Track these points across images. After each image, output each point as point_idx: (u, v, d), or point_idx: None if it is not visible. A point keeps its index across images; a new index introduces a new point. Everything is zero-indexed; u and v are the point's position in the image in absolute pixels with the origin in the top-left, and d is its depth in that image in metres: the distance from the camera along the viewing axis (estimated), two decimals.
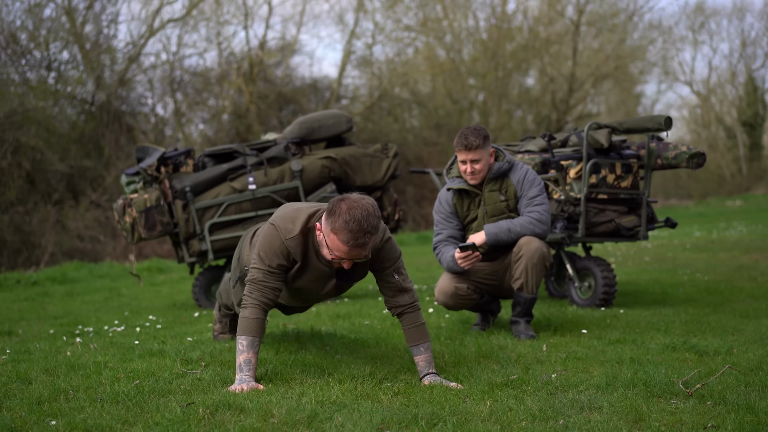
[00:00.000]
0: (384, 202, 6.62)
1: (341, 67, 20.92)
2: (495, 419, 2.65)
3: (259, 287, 3.23)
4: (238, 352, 3.18)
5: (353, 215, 2.97)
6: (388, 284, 3.35)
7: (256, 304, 3.22)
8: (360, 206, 3.00)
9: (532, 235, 4.31)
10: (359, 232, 2.98)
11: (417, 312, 3.37)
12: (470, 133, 4.29)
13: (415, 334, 3.33)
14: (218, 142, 17.38)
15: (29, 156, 13.49)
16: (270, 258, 3.21)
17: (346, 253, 3.05)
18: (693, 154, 5.31)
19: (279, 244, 3.20)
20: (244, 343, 3.18)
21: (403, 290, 3.35)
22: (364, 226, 2.98)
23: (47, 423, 2.65)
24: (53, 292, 8.52)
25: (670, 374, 3.19)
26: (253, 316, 3.20)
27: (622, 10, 25.78)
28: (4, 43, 14.24)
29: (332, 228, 3.02)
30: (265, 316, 3.24)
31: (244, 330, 3.19)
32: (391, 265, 3.32)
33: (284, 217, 3.25)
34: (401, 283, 3.34)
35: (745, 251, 9.82)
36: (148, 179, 6.21)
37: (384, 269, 3.32)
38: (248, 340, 3.18)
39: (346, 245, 3.02)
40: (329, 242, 3.07)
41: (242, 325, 3.20)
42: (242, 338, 3.18)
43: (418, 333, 3.33)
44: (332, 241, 3.05)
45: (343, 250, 3.04)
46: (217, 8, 18.84)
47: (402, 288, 3.35)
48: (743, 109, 31.81)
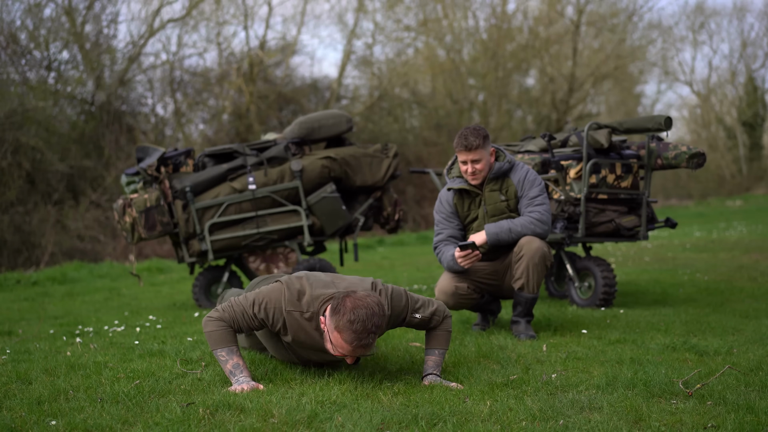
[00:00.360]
0: (384, 202, 6.62)
1: (341, 67, 20.93)
2: (495, 419, 2.65)
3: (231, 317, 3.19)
4: (223, 363, 3.17)
5: (358, 315, 2.93)
6: (415, 325, 3.36)
7: (220, 318, 3.19)
8: (365, 305, 2.96)
9: (532, 235, 4.31)
10: (363, 332, 2.94)
11: (447, 320, 3.38)
12: (470, 134, 4.29)
13: (436, 338, 3.36)
14: (218, 142, 17.38)
15: (29, 156, 13.49)
16: (260, 309, 3.18)
17: (349, 351, 3.01)
18: (693, 154, 5.31)
19: (277, 308, 3.17)
20: (223, 354, 3.17)
21: (429, 320, 3.35)
22: (369, 327, 2.94)
23: (47, 423, 2.65)
24: (53, 292, 8.52)
25: (670, 374, 3.19)
26: (220, 327, 3.18)
27: (621, 10, 25.78)
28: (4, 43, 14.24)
29: (336, 326, 2.98)
30: (231, 328, 3.20)
31: (216, 343, 3.17)
32: (406, 314, 3.30)
33: (291, 287, 3.18)
34: (423, 315, 3.33)
35: (745, 251, 9.82)
36: (148, 179, 6.20)
37: (403, 320, 3.31)
38: (225, 350, 3.17)
39: (350, 345, 2.97)
40: (333, 339, 3.03)
41: (212, 339, 3.18)
42: (219, 350, 3.17)
43: (439, 339, 3.36)
44: (336, 338, 3.01)
45: (347, 349, 3.00)
46: (217, 8, 18.84)
47: (428, 319, 3.34)
48: (743, 109, 31.81)
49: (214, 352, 3.19)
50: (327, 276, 3.29)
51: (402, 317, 3.29)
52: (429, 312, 3.33)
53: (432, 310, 3.34)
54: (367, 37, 21.64)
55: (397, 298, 3.27)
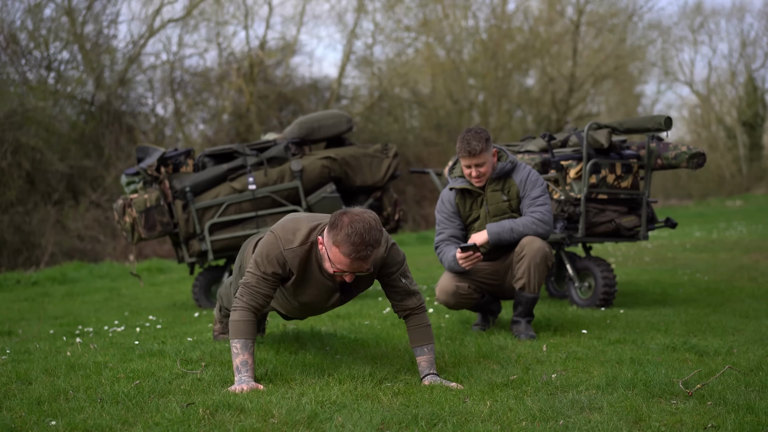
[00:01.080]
0: (384, 202, 6.62)
1: (341, 67, 20.92)
2: (495, 419, 2.65)
3: (251, 292, 3.23)
4: (234, 355, 3.19)
5: (355, 228, 2.97)
6: (395, 289, 3.36)
7: (246, 308, 3.22)
8: (362, 219, 3.00)
9: (534, 235, 4.31)
10: (361, 244, 2.98)
11: (423, 314, 3.39)
12: (472, 138, 4.28)
13: (419, 335, 3.35)
14: (218, 142, 17.37)
15: (29, 156, 13.49)
16: (265, 265, 3.21)
17: (348, 266, 3.05)
18: (693, 154, 5.32)
19: (276, 253, 3.20)
20: (238, 346, 3.19)
21: (410, 293, 3.36)
22: (366, 239, 2.98)
23: (47, 423, 2.65)
24: (53, 292, 8.52)
25: (670, 374, 3.19)
26: (244, 318, 3.21)
27: (621, 11, 25.78)
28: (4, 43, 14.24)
29: (334, 241, 3.02)
30: (255, 319, 3.24)
31: (236, 333, 3.19)
32: (397, 270, 3.32)
33: (285, 227, 3.25)
34: (408, 286, 3.35)
35: (745, 251, 9.82)
36: (148, 179, 6.21)
37: (390, 275, 3.33)
38: (241, 342, 3.19)
39: (348, 258, 3.01)
40: (331, 255, 3.07)
41: (234, 329, 3.20)
42: (236, 341, 3.19)
43: (422, 334, 3.35)
44: (334, 254, 3.05)
45: (345, 263, 3.04)
46: (218, 8, 18.84)
47: (409, 291, 3.36)
48: (743, 109, 31.81)
49: (231, 341, 3.21)
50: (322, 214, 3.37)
51: (391, 271, 3.31)
52: (413, 288, 3.37)
53: (416, 289, 3.39)
54: (367, 37, 21.65)
55: (396, 253, 3.31)
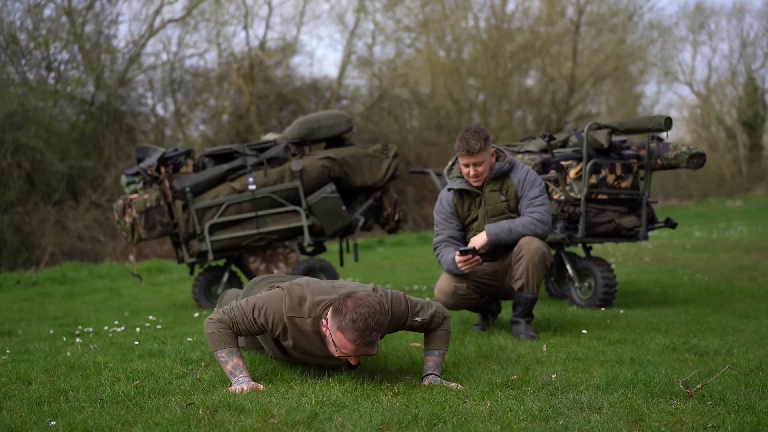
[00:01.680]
0: (384, 203, 6.62)
1: (341, 67, 20.93)
2: (495, 419, 2.65)
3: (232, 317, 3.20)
4: (223, 364, 3.18)
5: (360, 314, 2.94)
6: (416, 328, 3.36)
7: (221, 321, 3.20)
8: (366, 304, 2.97)
9: (533, 236, 4.31)
10: (366, 330, 2.94)
11: (446, 323, 3.39)
12: (471, 137, 4.27)
13: (436, 339, 3.37)
14: (218, 142, 17.37)
15: (29, 156, 13.49)
16: (259, 314, 3.18)
17: (353, 351, 3.02)
18: (693, 155, 5.31)
19: (277, 313, 3.17)
20: (223, 355, 3.18)
21: (429, 321, 3.35)
22: (371, 325, 2.95)
23: (47, 423, 2.65)
24: (53, 292, 8.52)
25: (670, 374, 3.19)
26: (219, 329, 3.19)
27: (621, 11, 25.78)
28: (4, 44, 14.24)
29: (338, 326, 2.98)
30: (231, 331, 3.21)
31: (217, 344, 3.18)
32: (407, 318, 3.30)
33: (293, 293, 3.19)
34: (424, 318, 3.34)
35: (745, 251, 9.82)
36: (148, 179, 6.20)
37: (404, 324, 3.32)
38: (225, 351, 3.18)
39: (353, 344, 2.98)
40: (336, 340, 3.03)
41: (213, 341, 3.19)
42: (220, 351, 3.18)
43: (439, 339, 3.37)
44: (339, 339, 3.01)
45: (351, 349, 3.01)
46: (218, 8, 18.84)
47: (428, 321, 3.35)
48: (743, 110, 31.80)
49: (215, 353, 3.19)
50: (327, 282, 3.31)
51: (402, 321, 3.30)
52: (429, 314, 3.34)
53: (431, 312, 3.35)
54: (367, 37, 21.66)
55: (397, 303, 3.27)
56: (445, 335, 3.37)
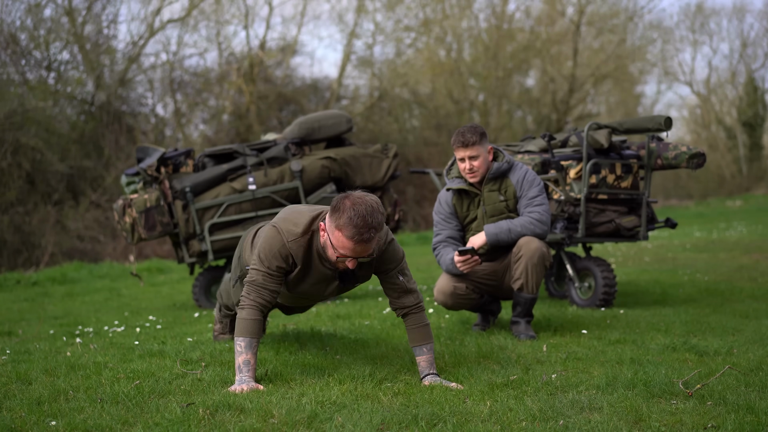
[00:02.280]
0: (384, 203, 6.62)
1: (341, 67, 20.93)
2: (495, 419, 2.65)
3: (257, 289, 3.22)
4: (237, 354, 3.18)
5: (357, 211, 2.97)
6: (392, 286, 3.34)
7: (253, 306, 3.22)
8: (364, 202, 3.00)
9: (532, 236, 4.31)
10: (364, 227, 2.97)
11: (422, 313, 3.38)
12: (466, 131, 4.30)
13: (418, 334, 3.34)
14: (218, 142, 17.37)
15: (29, 156, 13.49)
16: (270, 260, 3.20)
17: (351, 249, 3.03)
18: (693, 155, 5.31)
19: (280, 247, 3.19)
20: (242, 345, 3.18)
21: (408, 291, 3.35)
22: (369, 221, 2.98)
23: (47, 423, 2.65)
24: (53, 292, 8.52)
25: (670, 374, 3.19)
26: (251, 317, 3.20)
27: (622, 11, 25.78)
28: (4, 44, 14.24)
29: (336, 225, 3.01)
30: (262, 317, 3.23)
31: (241, 331, 3.19)
32: (395, 266, 3.31)
33: (286, 219, 3.25)
34: (406, 284, 3.34)
35: (745, 251, 9.82)
36: (148, 179, 6.21)
37: (388, 271, 3.32)
38: (246, 341, 3.18)
39: (351, 240, 3.00)
40: (333, 239, 3.05)
41: (240, 327, 3.20)
42: (240, 339, 3.18)
43: (421, 334, 3.34)
44: (337, 238, 3.03)
45: (349, 247, 3.03)
46: (218, 8, 18.84)
47: (407, 289, 3.35)
48: (743, 110, 31.80)
49: (235, 339, 3.20)
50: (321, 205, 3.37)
51: (389, 267, 3.30)
52: (410, 286, 3.35)
53: (414, 287, 3.36)
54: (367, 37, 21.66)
55: (395, 249, 3.30)
56: (426, 328, 3.35)
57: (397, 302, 3.37)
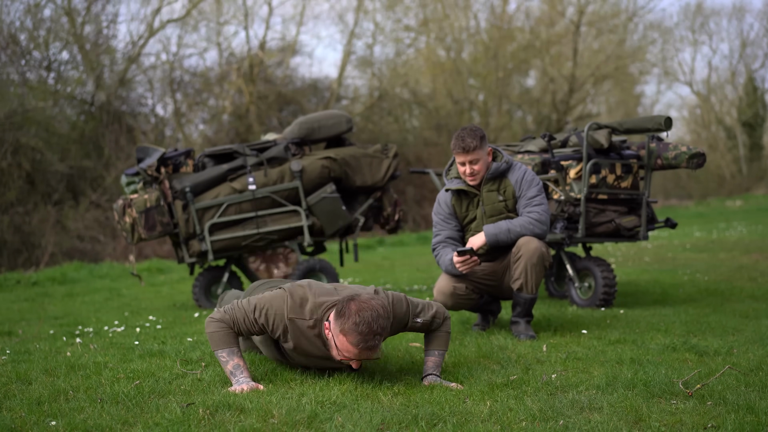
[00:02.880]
0: (384, 203, 6.62)
1: (341, 67, 20.94)
2: (495, 419, 2.65)
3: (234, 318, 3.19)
4: (223, 364, 3.18)
5: (363, 317, 2.93)
6: (417, 329, 3.36)
7: (222, 320, 3.19)
8: (369, 307, 2.95)
9: (531, 236, 4.31)
10: (369, 334, 2.93)
11: (446, 323, 3.39)
12: (467, 135, 4.28)
13: (436, 340, 3.36)
14: (218, 142, 17.37)
15: (29, 156, 13.49)
16: (259, 314, 3.17)
17: (355, 355, 3.01)
18: (693, 155, 5.31)
19: (278, 314, 3.15)
20: (224, 354, 3.17)
21: (431, 322, 3.35)
22: (374, 329, 2.93)
23: (47, 423, 2.65)
24: (53, 292, 8.52)
25: (670, 374, 3.19)
26: (220, 329, 3.18)
27: (622, 11, 25.79)
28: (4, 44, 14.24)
29: (341, 329, 2.97)
30: (232, 331, 3.20)
31: (217, 344, 3.17)
32: (408, 319, 3.29)
33: (294, 294, 3.17)
34: (425, 319, 3.33)
35: (745, 251, 9.82)
36: (148, 180, 6.20)
37: (406, 325, 3.31)
38: (226, 351, 3.17)
39: (356, 348, 2.97)
40: (338, 343, 3.02)
41: (214, 340, 3.18)
42: (220, 351, 3.17)
43: (439, 340, 3.36)
44: (341, 342, 3.00)
45: (353, 352, 3.00)
46: (218, 8, 18.85)
47: (429, 322, 3.34)
48: (743, 110, 31.80)
49: (216, 352, 3.19)
50: (329, 284, 3.30)
51: (404, 323, 3.29)
52: (429, 315, 3.33)
53: (432, 313, 3.34)
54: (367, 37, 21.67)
55: (399, 305, 3.27)
56: (445, 335, 3.37)
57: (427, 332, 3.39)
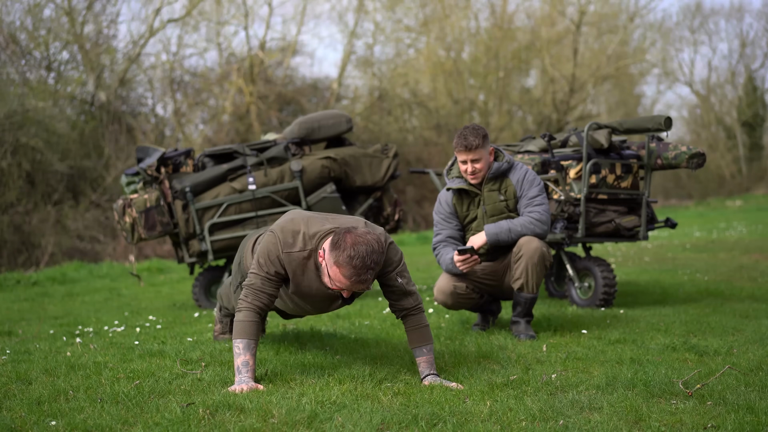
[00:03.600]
0: (384, 202, 6.62)
1: (341, 67, 20.95)
2: (495, 419, 2.65)
3: (255, 292, 3.22)
4: (236, 355, 3.18)
5: (358, 251, 2.95)
6: (391, 288, 3.33)
7: (251, 308, 3.22)
8: (365, 241, 2.98)
9: (532, 235, 4.31)
10: (362, 268, 2.96)
11: (421, 314, 3.37)
12: (469, 133, 4.28)
13: (418, 335, 3.33)
14: (218, 142, 17.38)
15: (29, 156, 13.50)
16: (268, 265, 3.20)
17: (347, 286, 3.04)
18: (693, 154, 5.31)
19: (277, 254, 3.19)
20: (240, 346, 3.18)
21: (407, 293, 3.33)
22: (368, 263, 2.96)
23: (47, 423, 2.65)
24: (53, 292, 8.52)
25: (670, 374, 3.19)
26: (248, 319, 3.20)
27: (623, 11, 25.79)
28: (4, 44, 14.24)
29: (336, 261, 3.00)
30: (260, 320, 3.23)
31: (239, 333, 3.19)
32: (393, 269, 3.29)
33: (284, 228, 3.22)
34: (405, 286, 3.32)
35: (745, 251, 9.82)
36: (148, 179, 6.21)
37: (387, 273, 3.29)
38: (244, 342, 3.18)
39: (348, 280, 3.00)
40: (331, 273, 3.05)
41: (237, 329, 3.20)
42: (238, 341, 3.19)
43: (421, 335, 3.33)
44: (334, 272, 3.03)
45: (345, 284, 3.03)
46: (218, 8, 18.85)
47: (406, 291, 3.33)
48: (743, 110, 31.81)
49: (234, 340, 3.21)
50: (320, 214, 3.32)
51: (387, 270, 3.27)
52: (409, 288, 3.33)
53: (412, 289, 3.35)
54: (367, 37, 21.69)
55: (394, 251, 3.28)
56: (425, 329, 3.34)
57: (396, 304, 3.36)
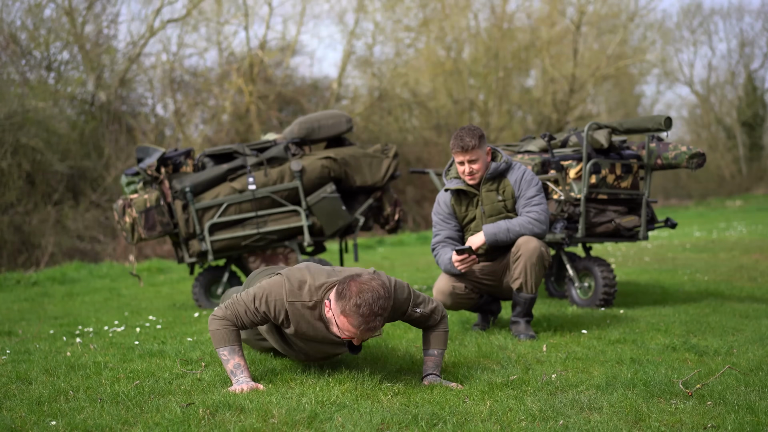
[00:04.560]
0: (384, 202, 6.62)
1: (341, 67, 20.94)
2: (495, 419, 2.65)
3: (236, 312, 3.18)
4: (224, 362, 3.18)
5: (364, 299, 2.92)
6: (414, 321, 3.35)
7: (224, 318, 3.19)
8: (371, 288, 2.95)
9: (530, 235, 4.31)
10: (370, 315, 2.93)
11: (444, 322, 3.38)
12: (465, 134, 4.28)
13: (434, 339, 3.36)
14: (218, 142, 17.38)
15: (29, 157, 13.49)
16: (260, 303, 3.16)
17: (357, 335, 3.01)
18: (693, 154, 5.32)
19: (278, 299, 3.14)
20: (225, 353, 3.17)
21: (430, 314, 3.34)
22: (375, 309, 2.93)
23: (47, 423, 2.65)
24: (53, 292, 8.52)
25: (670, 374, 3.19)
26: (223, 326, 3.18)
27: (622, 11, 25.78)
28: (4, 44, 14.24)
29: (342, 311, 2.97)
30: (235, 328, 3.20)
31: (220, 341, 3.18)
32: (407, 307, 3.29)
33: (292, 276, 3.17)
34: (424, 312, 3.33)
35: (745, 251, 9.82)
36: (148, 179, 6.21)
37: (404, 313, 3.30)
38: (228, 348, 3.17)
39: (357, 329, 2.97)
40: (339, 323, 3.02)
41: (216, 337, 3.18)
42: (222, 349, 3.17)
43: (438, 339, 3.36)
44: (342, 323, 3.00)
45: (354, 333, 3.00)
46: (218, 8, 18.85)
47: (428, 315, 3.34)
48: (743, 110, 31.82)
49: (217, 350, 3.19)
50: (328, 267, 3.31)
51: (403, 309, 3.28)
52: (429, 309, 3.34)
53: (432, 308, 3.35)
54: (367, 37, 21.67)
55: (400, 290, 3.27)
56: (443, 334, 3.36)
57: (424, 328, 3.38)
